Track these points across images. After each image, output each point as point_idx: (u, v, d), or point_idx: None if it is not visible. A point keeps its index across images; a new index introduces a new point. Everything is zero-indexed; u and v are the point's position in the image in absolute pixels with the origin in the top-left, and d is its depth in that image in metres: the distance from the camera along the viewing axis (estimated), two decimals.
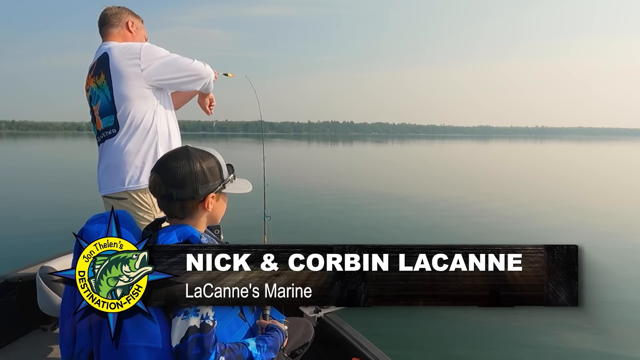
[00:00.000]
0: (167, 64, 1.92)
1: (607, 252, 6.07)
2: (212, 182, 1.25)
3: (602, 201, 11.40)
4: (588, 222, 8.70)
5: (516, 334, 3.72)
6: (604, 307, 4.09)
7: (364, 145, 61.82)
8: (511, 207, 10.24)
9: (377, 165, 24.33)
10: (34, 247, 6.05)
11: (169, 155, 1.26)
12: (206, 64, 2.04)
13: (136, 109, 1.93)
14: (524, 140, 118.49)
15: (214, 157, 1.28)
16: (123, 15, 2.05)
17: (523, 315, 3.63)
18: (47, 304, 2.13)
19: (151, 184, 1.24)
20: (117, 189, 1.94)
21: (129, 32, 2.05)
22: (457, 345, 3.62)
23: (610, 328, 3.80)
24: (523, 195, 12.42)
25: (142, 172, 1.93)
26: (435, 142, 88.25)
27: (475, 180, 16.25)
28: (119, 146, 1.93)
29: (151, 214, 1.93)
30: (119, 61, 1.88)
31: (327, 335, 2.17)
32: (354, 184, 14.38)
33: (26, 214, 8.87)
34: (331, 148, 50.28)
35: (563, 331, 3.78)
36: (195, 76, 1.98)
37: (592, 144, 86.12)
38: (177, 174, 1.20)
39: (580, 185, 15.48)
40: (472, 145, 65.48)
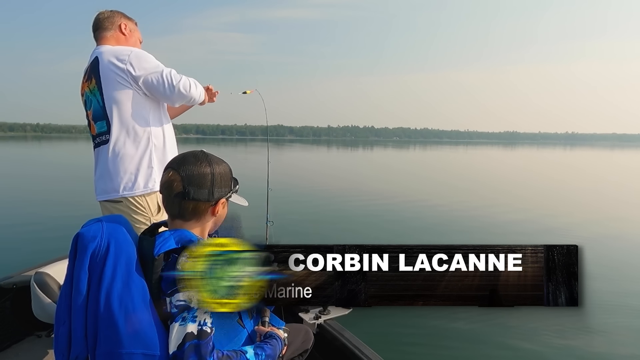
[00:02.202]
0: (151, 82, 1.92)
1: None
2: (225, 188, 1.27)
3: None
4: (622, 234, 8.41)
5: (515, 336, 3.67)
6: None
7: (384, 150, 61.42)
8: (536, 215, 10.02)
9: (394, 171, 24.14)
10: (28, 252, 6.06)
11: (188, 154, 1.25)
12: (197, 85, 2.04)
13: (128, 113, 1.94)
14: (552, 147, 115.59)
15: (227, 164, 1.30)
16: (116, 19, 2.07)
17: (522, 315, 3.59)
18: (42, 310, 2.11)
19: (167, 181, 1.22)
20: (112, 196, 1.96)
21: (122, 35, 2.07)
22: (458, 349, 3.58)
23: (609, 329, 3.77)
24: (546, 202, 12.13)
25: (137, 178, 1.94)
26: (459, 147, 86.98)
27: (495, 188, 15.96)
28: (112, 152, 1.94)
29: (147, 216, 1.95)
30: (108, 66, 1.89)
31: (327, 342, 2.17)
32: (368, 189, 14.31)
33: (24, 217, 8.90)
34: (350, 153, 50.15)
35: (561, 332, 3.73)
36: (178, 97, 1.97)
37: (626, 151, 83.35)
38: (197, 173, 1.21)
39: (612, 194, 15.01)
40: (497, 152, 64.25)
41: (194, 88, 2.00)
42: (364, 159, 38.18)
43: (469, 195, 13.40)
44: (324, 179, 17.96)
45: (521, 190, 15.13)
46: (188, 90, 1.96)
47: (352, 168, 25.98)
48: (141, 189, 1.95)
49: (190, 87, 1.97)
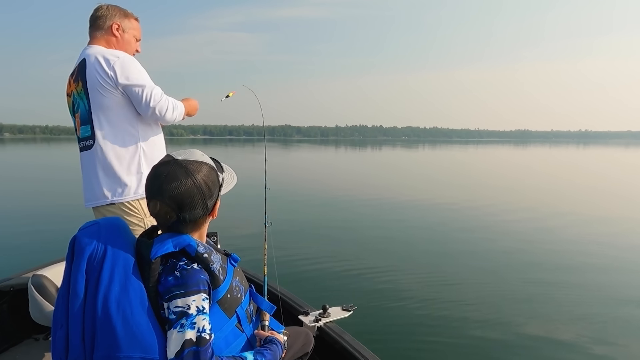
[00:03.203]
0: (130, 93, 1.89)
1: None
2: (215, 190, 1.23)
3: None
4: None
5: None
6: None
7: (393, 150, 61.15)
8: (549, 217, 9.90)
9: (401, 170, 24.02)
10: (26, 254, 6.04)
11: (165, 176, 1.15)
12: (176, 108, 1.99)
13: (114, 118, 1.91)
14: (565, 145, 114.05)
15: (206, 165, 1.22)
16: (109, 19, 2.00)
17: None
18: (40, 313, 2.11)
19: (157, 212, 1.16)
20: (100, 202, 1.94)
21: (112, 37, 2.01)
22: (462, 354, 3.57)
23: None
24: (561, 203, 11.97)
25: (126, 184, 1.92)
26: (469, 146, 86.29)
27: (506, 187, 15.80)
28: (98, 158, 1.92)
29: (140, 218, 1.94)
30: (94, 69, 1.87)
31: (328, 345, 2.15)
32: (374, 190, 14.25)
33: (22, 219, 8.87)
34: (359, 153, 50.00)
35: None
36: (151, 117, 1.94)
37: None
38: (185, 197, 1.15)
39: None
40: (508, 150, 63.58)
41: (170, 112, 1.96)
42: (372, 159, 38.04)
43: (474, 194, 13.29)
44: (329, 179, 17.92)
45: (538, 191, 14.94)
46: (163, 113, 1.93)
47: (362, 168, 25.88)
48: (131, 195, 1.93)
49: (166, 111, 1.94)
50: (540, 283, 5.21)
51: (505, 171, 24.48)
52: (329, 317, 2.32)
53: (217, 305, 1.20)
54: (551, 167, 28.26)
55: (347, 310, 2.42)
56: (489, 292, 4.88)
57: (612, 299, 4.73)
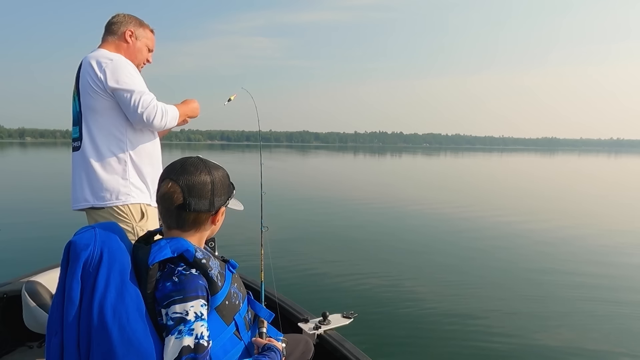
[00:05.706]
0: (119, 98, 1.90)
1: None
2: (224, 195, 1.26)
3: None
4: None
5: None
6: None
7: (414, 157, 60.66)
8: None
9: (419, 177, 23.78)
10: (20, 260, 6.00)
11: (186, 162, 1.22)
12: (166, 115, 1.96)
13: (102, 121, 1.92)
14: (595, 154, 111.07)
15: (224, 170, 1.29)
16: (124, 25, 2.06)
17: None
18: (34, 320, 2.09)
19: (166, 192, 1.19)
20: (82, 205, 1.94)
21: (124, 43, 2.06)
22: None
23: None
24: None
25: (108, 189, 1.92)
26: (492, 154, 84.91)
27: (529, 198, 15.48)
28: (83, 160, 1.93)
29: (130, 224, 1.94)
30: (86, 71, 1.89)
31: (327, 352, 2.15)
32: (383, 198, 14.15)
33: (19, 225, 8.81)
34: (374, 160, 49.75)
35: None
36: (139, 123, 1.93)
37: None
38: (197, 182, 1.19)
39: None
40: (535, 158, 62.27)
41: (159, 119, 1.94)
42: (387, 166, 37.78)
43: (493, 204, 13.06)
44: (335, 186, 17.86)
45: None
46: (151, 120, 1.91)
47: (373, 176, 25.72)
48: (113, 201, 1.93)
49: (154, 117, 1.92)
50: (557, 298, 5.08)
51: (532, 178, 23.99)
52: (329, 324, 2.32)
53: (215, 312, 1.20)
54: (580, 175, 27.55)
55: (347, 317, 2.42)
56: (497, 304, 4.78)
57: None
